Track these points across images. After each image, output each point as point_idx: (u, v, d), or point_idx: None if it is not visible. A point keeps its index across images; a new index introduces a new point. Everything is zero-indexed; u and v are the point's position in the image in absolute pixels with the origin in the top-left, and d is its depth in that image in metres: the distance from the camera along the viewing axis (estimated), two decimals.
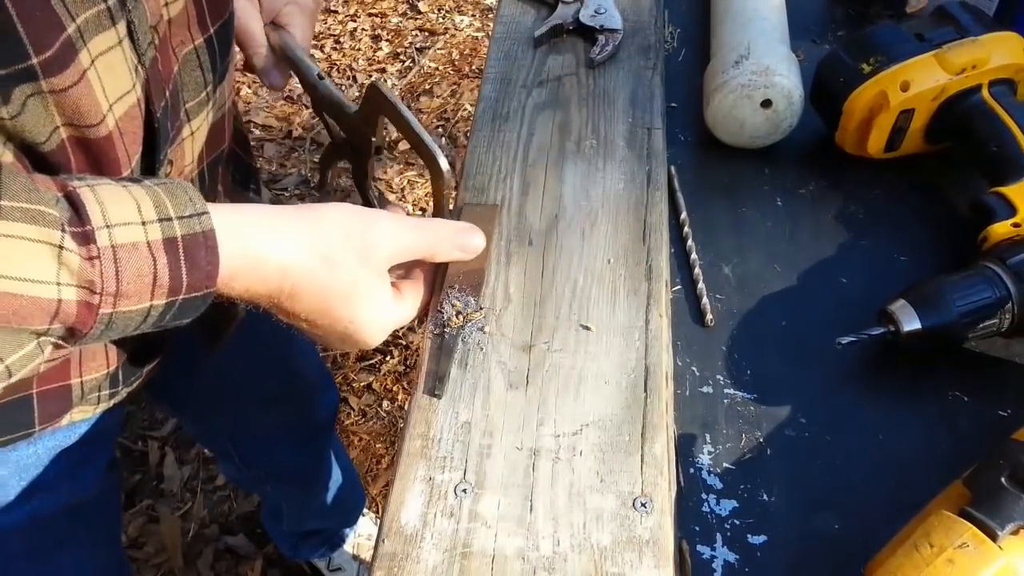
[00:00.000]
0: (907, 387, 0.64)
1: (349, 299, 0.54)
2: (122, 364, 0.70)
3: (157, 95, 0.56)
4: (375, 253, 0.55)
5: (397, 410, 1.80)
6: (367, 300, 0.55)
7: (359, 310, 0.55)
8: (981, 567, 0.47)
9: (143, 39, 0.53)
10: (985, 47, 0.73)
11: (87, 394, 0.68)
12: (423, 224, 0.59)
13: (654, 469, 0.53)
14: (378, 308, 0.56)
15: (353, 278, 0.54)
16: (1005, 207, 0.67)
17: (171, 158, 0.62)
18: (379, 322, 0.56)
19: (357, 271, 0.54)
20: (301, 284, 0.52)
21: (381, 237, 0.55)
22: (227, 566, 1.58)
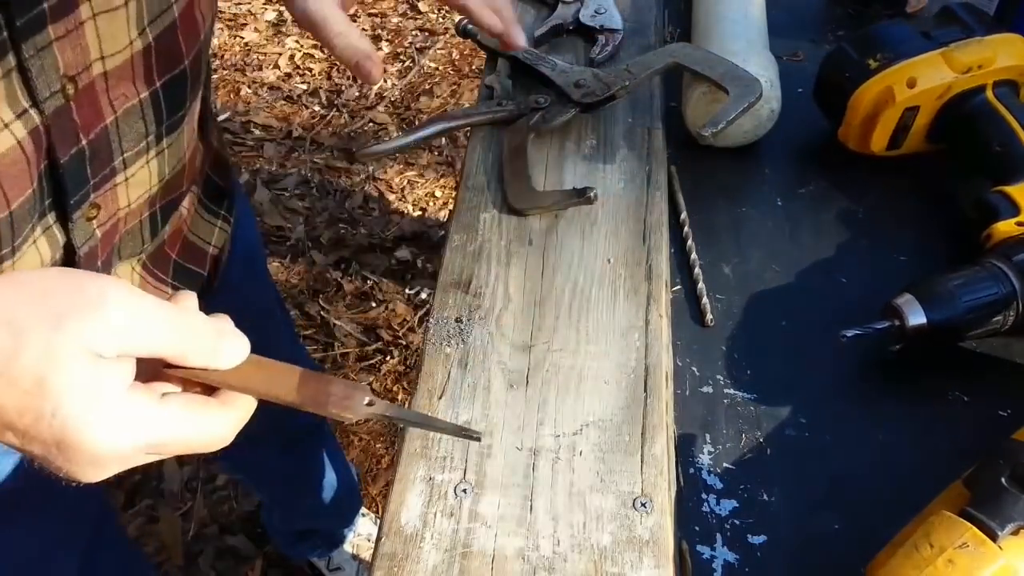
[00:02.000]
0: (907, 387, 0.64)
1: (45, 380, 0.38)
2: None
3: (63, 142, 0.54)
4: (90, 324, 0.39)
5: None
6: (73, 381, 0.39)
7: (62, 395, 0.38)
8: (981, 567, 0.47)
9: (43, 87, 0.51)
10: (991, 47, 0.73)
11: None
12: (175, 309, 0.43)
13: (654, 469, 0.53)
14: (95, 395, 0.39)
15: (49, 349, 0.38)
16: (1009, 206, 0.67)
17: (96, 203, 0.60)
18: (102, 418, 0.39)
19: (55, 340, 0.38)
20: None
21: (103, 305, 0.40)
22: (227, 566, 1.58)
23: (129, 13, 0.55)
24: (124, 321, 0.40)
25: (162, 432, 0.41)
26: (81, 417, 0.39)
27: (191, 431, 0.42)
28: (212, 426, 0.43)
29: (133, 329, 0.40)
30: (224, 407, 0.44)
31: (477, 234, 0.67)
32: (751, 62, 0.75)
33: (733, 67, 0.73)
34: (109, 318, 0.40)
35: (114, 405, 0.40)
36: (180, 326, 0.42)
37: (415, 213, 2.18)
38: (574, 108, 0.75)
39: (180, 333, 0.42)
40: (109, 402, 0.40)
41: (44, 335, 0.39)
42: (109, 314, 0.40)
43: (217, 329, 0.44)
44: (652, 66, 0.76)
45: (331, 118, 2.43)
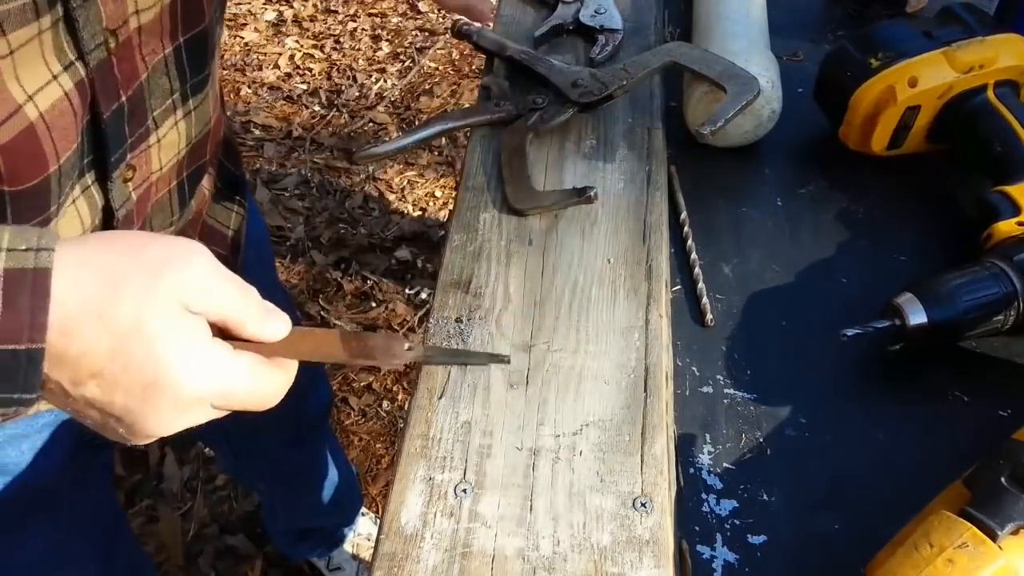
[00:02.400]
0: (907, 387, 0.64)
1: (143, 324, 0.41)
2: None
3: (107, 97, 0.56)
4: (183, 277, 0.43)
5: (397, 410, 1.80)
6: (169, 326, 0.42)
7: (159, 338, 0.41)
8: (981, 567, 0.47)
9: (89, 39, 0.52)
10: (993, 47, 0.73)
11: None
12: (240, 280, 0.47)
13: (654, 469, 0.53)
14: (187, 341, 0.43)
15: (147, 297, 0.41)
16: (1009, 206, 0.67)
17: (132, 163, 0.61)
18: (193, 362, 0.43)
19: (153, 288, 0.42)
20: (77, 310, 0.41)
21: (192, 263, 0.44)
22: (227, 566, 1.58)
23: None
24: (208, 280, 0.44)
25: (236, 382, 0.45)
26: (175, 360, 0.42)
27: (257, 385, 0.46)
28: (272, 383, 0.47)
29: (214, 289, 0.44)
30: (280, 368, 0.48)
31: (477, 234, 0.67)
32: (752, 62, 0.75)
33: (731, 65, 0.73)
34: (196, 275, 0.43)
35: (203, 353, 0.43)
36: (244, 295, 0.46)
37: (415, 213, 2.18)
38: (572, 108, 0.75)
39: (243, 302, 0.46)
40: (199, 349, 0.43)
41: (143, 282, 0.41)
42: (197, 272, 0.43)
43: (266, 305, 0.48)
44: (650, 65, 0.76)
45: (331, 118, 2.43)
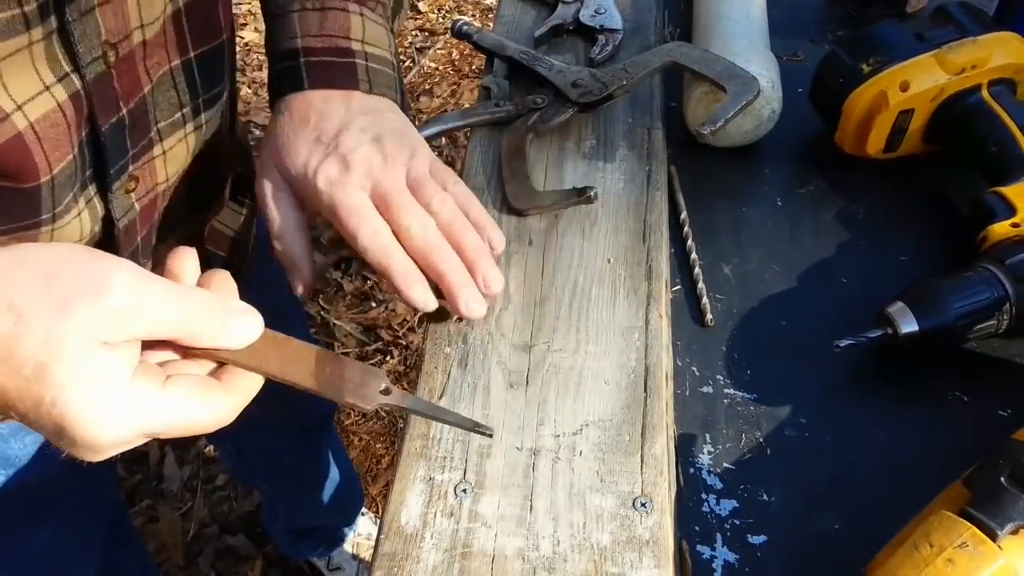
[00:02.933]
0: (907, 387, 0.64)
1: (47, 368, 0.38)
2: None
3: (105, 110, 0.55)
4: (94, 310, 0.38)
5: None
6: (77, 371, 0.38)
7: (64, 386, 0.38)
8: (981, 567, 0.47)
9: (85, 52, 0.52)
10: (985, 47, 0.73)
11: None
12: (183, 289, 0.42)
13: (654, 469, 0.53)
14: (97, 386, 0.38)
15: (52, 336, 0.37)
16: (1005, 207, 0.67)
17: (135, 175, 0.61)
18: (104, 409, 0.39)
19: (59, 326, 0.38)
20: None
21: (108, 290, 0.39)
22: (227, 566, 1.58)
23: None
24: (129, 305, 0.39)
25: (164, 420, 0.41)
26: (81, 410, 0.38)
27: (192, 416, 0.42)
28: (213, 410, 0.43)
29: (138, 313, 0.40)
30: (227, 392, 0.44)
31: None
32: (752, 62, 0.75)
33: (730, 65, 0.73)
34: (114, 303, 0.39)
35: (115, 396, 0.39)
36: (187, 307, 0.42)
37: None
38: (572, 108, 0.75)
39: (187, 315, 0.42)
40: (110, 393, 0.39)
41: (47, 321, 0.38)
42: (114, 299, 0.39)
43: (227, 308, 0.43)
44: (649, 65, 0.76)
45: None
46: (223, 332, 0.43)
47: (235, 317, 0.44)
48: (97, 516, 0.91)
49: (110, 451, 0.41)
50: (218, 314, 0.43)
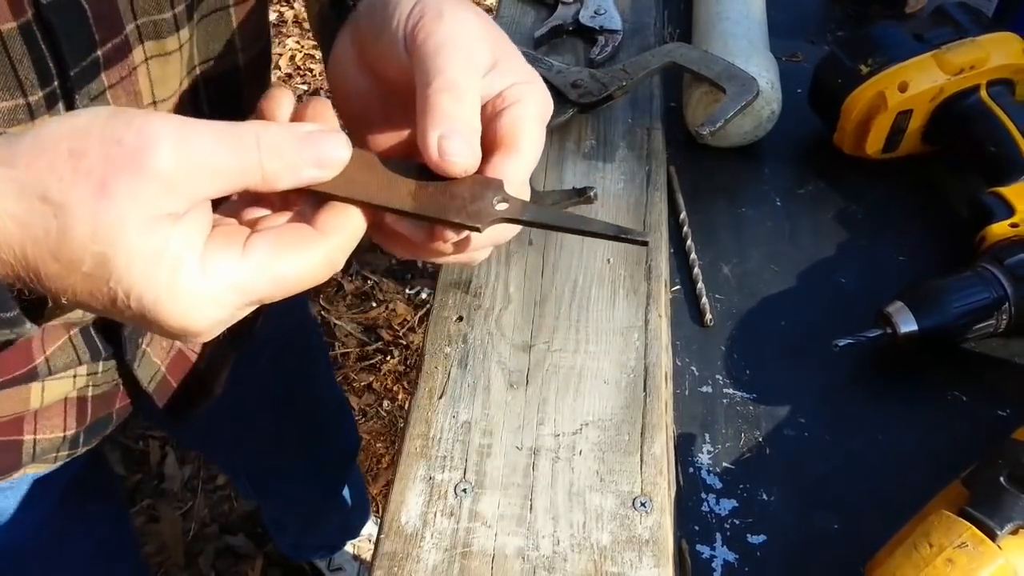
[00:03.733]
0: (906, 387, 0.64)
1: (107, 262, 0.33)
2: (83, 429, 0.67)
3: None
4: (136, 180, 0.33)
5: (397, 410, 1.80)
6: (139, 258, 0.33)
7: (132, 278, 0.33)
8: (980, 567, 0.47)
9: None
10: (984, 47, 0.73)
11: (39, 454, 0.65)
12: (239, 129, 0.36)
13: (653, 469, 0.53)
14: (168, 270, 0.33)
15: (100, 224, 0.32)
16: (1003, 207, 0.67)
17: (108, 84, 0.48)
18: (183, 294, 0.34)
19: (104, 211, 0.32)
20: (28, 250, 0.33)
21: (149, 154, 0.33)
22: (227, 565, 1.58)
23: (183, 56, 0.53)
24: (176, 166, 0.33)
25: (255, 286, 0.36)
26: (160, 300, 0.33)
27: (286, 273, 0.36)
28: (309, 260, 0.37)
29: (191, 172, 0.34)
30: (322, 235, 0.37)
31: None
32: (752, 63, 0.76)
33: (730, 66, 0.73)
34: (158, 168, 0.33)
35: (191, 277, 0.34)
36: (248, 149, 0.35)
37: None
38: (572, 108, 0.75)
39: (250, 158, 0.35)
40: (185, 275, 0.34)
41: (89, 208, 0.32)
42: (157, 163, 0.33)
43: (299, 137, 0.37)
44: (649, 66, 0.76)
45: None
46: (300, 166, 0.36)
47: (311, 145, 0.37)
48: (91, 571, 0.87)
49: (212, 332, 0.36)
50: (290, 147, 0.36)
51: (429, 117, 0.38)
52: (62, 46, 0.44)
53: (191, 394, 0.73)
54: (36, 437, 0.64)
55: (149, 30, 0.49)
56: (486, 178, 0.39)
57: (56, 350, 0.60)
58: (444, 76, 0.38)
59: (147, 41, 0.50)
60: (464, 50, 0.39)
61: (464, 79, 0.39)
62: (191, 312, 0.34)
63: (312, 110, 0.40)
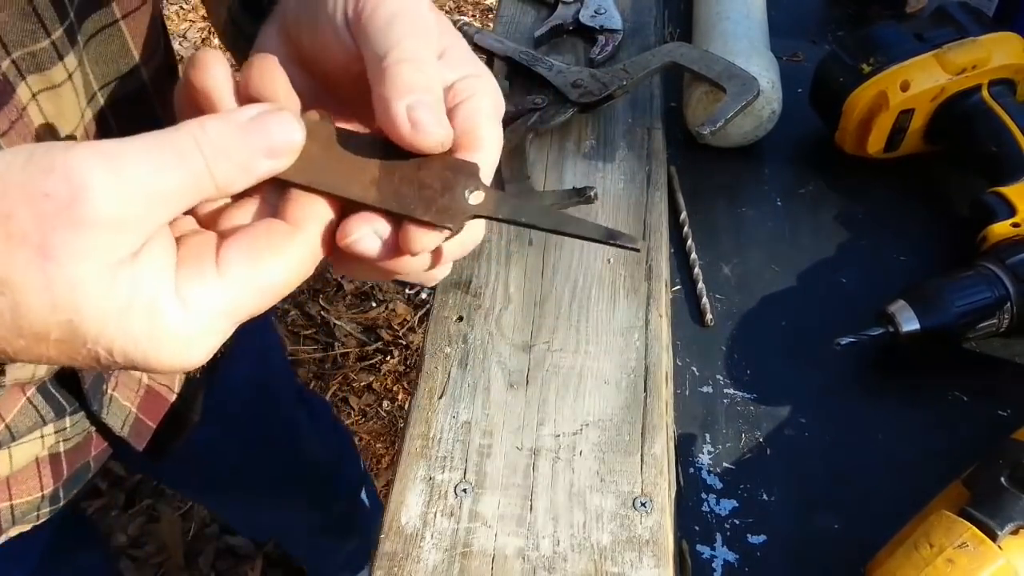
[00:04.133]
0: (907, 387, 0.64)
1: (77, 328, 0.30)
2: (61, 484, 0.64)
3: None
4: (78, 234, 0.29)
5: (397, 410, 1.80)
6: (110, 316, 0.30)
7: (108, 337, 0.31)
8: (981, 567, 0.47)
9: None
10: (985, 47, 0.73)
11: (19, 518, 0.61)
12: (169, 139, 0.31)
13: (654, 469, 0.53)
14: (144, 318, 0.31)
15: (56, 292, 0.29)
16: (1005, 207, 0.67)
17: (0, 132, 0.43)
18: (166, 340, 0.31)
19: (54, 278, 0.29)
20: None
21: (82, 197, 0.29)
22: (227, 565, 1.58)
23: (75, 85, 0.47)
24: (121, 206, 0.30)
25: (242, 305, 0.33)
26: (145, 350, 0.31)
27: (273, 281, 0.33)
28: (294, 262, 0.34)
29: (138, 207, 0.30)
30: (298, 230, 0.34)
31: None
32: (752, 62, 0.76)
33: (730, 65, 0.73)
34: (101, 216, 0.29)
35: (173, 318, 0.31)
36: (191, 159, 0.31)
37: None
38: (572, 108, 0.75)
39: (196, 167, 0.31)
40: (166, 318, 0.31)
41: (36, 276, 0.29)
42: (98, 211, 0.29)
43: (243, 128, 0.33)
44: (649, 66, 0.76)
45: None
46: (253, 162, 0.33)
47: (258, 134, 0.33)
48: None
49: (201, 360, 0.33)
50: (236, 143, 0.32)
51: (392, 88, 0.34)
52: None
53: (168, 429, 0.69)
54: (12, 503, 0.60)
55: (28, 63, 0.43)
56: (458, 160, 0.35)
57: (16, 414, 0.56)
58: (402, 47, 0.35)
59: (29, 76, 0.43)
60: (418, 22, 0.36)
61: (423, 51, 0.35)
62: (183, 352, 0.32)
63: (258, 75, 0.36)
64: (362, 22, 0.36)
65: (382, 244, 0.35)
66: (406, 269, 0.36)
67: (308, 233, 0.34)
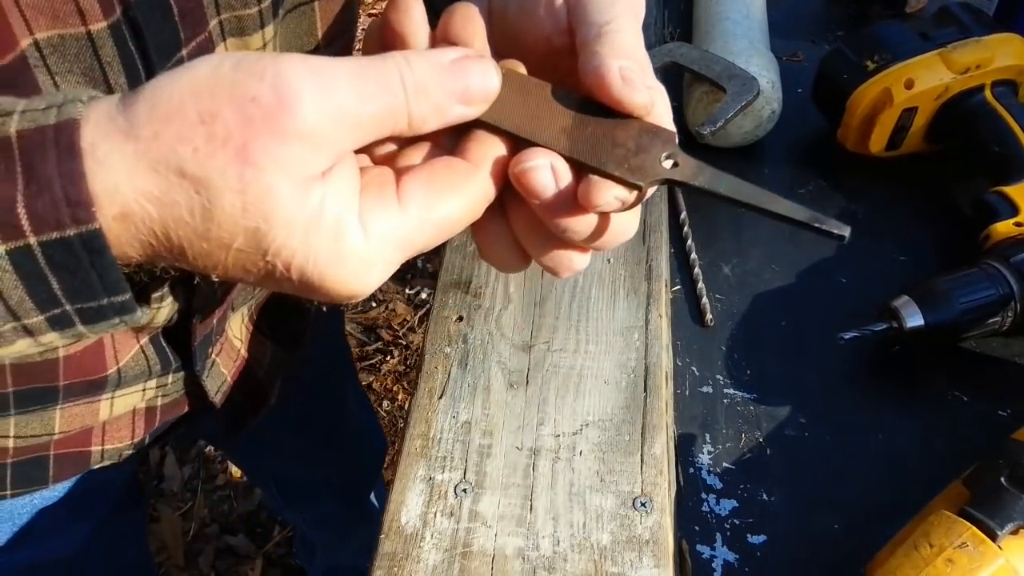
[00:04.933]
0: (907, 387, 0.64)
1: (261, 236, 0.30)
2: (150, 434, 0.68)
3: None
4: (279, 143, 0.29)
5: (397, 410, 1.80)
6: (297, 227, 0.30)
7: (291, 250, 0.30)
8: (980, 567, 0.47)
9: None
10: (989, 47, 0.73)
11: (106, 458, 0.66)
12: (376, 69, 0.32)
13: (654, 469, 0.53)
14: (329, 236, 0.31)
15: (247, 196, 0.29)
16: (1007, 206, 0.67)
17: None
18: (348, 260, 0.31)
19: (249, 182, 0.29)
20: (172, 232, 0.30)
21: (290, 108, 0.29)
22: (227, 565, 1.58)
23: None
24: (323, 122, 0.30)
25: (418, 237, 0.33)
26: (324, 267, 0.31)
27: (450, 216, 0.34)
28: (470, 200, 0.34)
29: (337, 126, 0.31)
30: (476, 168, 0.34)
31: None
32: (752, 62, 0.76)
33: (730, 65, 0.73)
34: (304, 128, 0.30)
35: (356, 239, 0.31)
36: (393, 92, 0.32)
37: None
38: None
39: (396, 101, 0.32)
40: (349, 238, 0.31)
41: (233, 178, 0.29)
42: (302, 122, 0.29)
43: (444, 69, 0.33)
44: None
45: None
46: (447, 105, 0.33)
47: (457, 77, 0.33)
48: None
49: (371, 289, 0.34)
50: (436, 83, 0.33)
51: (610, 48, 0.35)
52: (149, 46, 0.40)
53: (251, 403, 0.73)
54: (104, 447, 0.64)
55: (233, 26, 0.45)
56: (655, 127, 0.34)
57: (128, 360, 0.59)
58: (619, 21, 0.36)
59: (230, 38, 0.45)
60: (633, 5, 0.37)
61: (635, 29, 0.36)
62: (358, 275, 0.32)
63: (460, 21, 0.36)
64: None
65: (556, 187, 0.34)
66: (571, 228, 0.36)
67: (485, 171, 0.34)
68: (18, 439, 0.59)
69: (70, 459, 0.64)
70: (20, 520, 0.68)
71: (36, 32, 0.37)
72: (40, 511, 0.68)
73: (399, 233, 0.32)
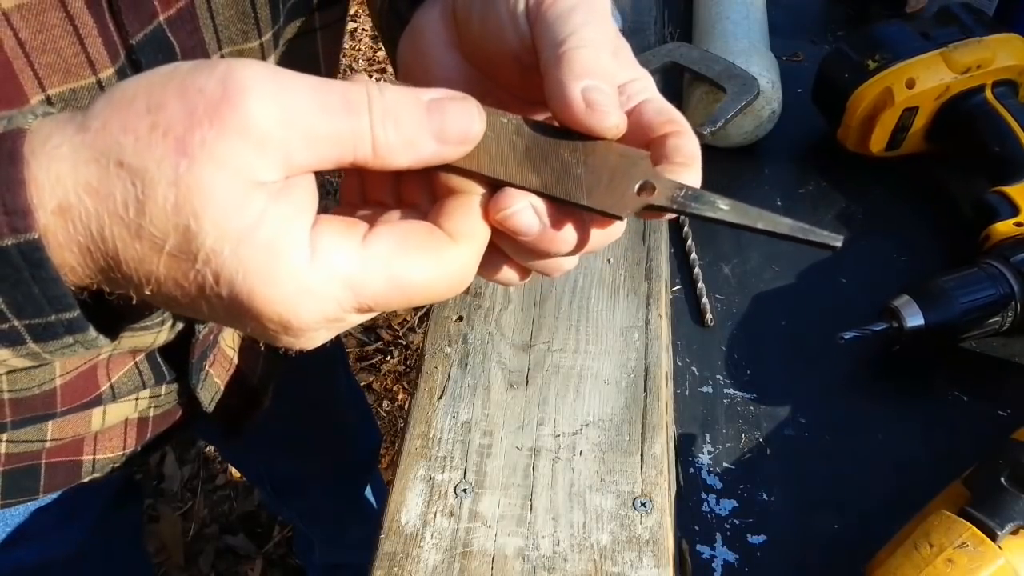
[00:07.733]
0: (907, 387, 0.64)
1: (192, 236, 0.27)
2: (141, 444, 0.68)
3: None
4: (222, 137, 0.27)
5: (397, 410, 1.80)
6: (231, 228, 0.27)
7: (221, 253, 0.28)
8: (980, 567, 0.47)
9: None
10: (990, 48, 0.73)
11: (98, 469, 0.66)
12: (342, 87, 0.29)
13: (654, 469, 0.53)
14: (266, 243, 0.28)
15: (180, 189, 0.27)
16: (1008, 206, 0.67)
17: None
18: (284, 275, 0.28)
19: (184, 174, 0.27)
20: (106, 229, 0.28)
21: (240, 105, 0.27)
22: (227, 565, 1.58)
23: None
24: (272, 123, 0.27)
25: (371, 285, 0.30)
26: (253, 284, 0.28)
27: (414, 277, 0.30)
28: (443, 269, 0.31)
29: (288, 132, 0.28)
30: (455, 241, 0.32)
31: None
32: (752, 62, 0.76)
33: (730, 65, 0.73)
34: (249, 123, 0.27)
35: (296, 259, 0.28)
36: (358, 113, 0.29)
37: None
38: None
39: (360, 123, 0.29)
40: (289, 256, 0.28)
41: (168, 170, 0.27)
42: (248, 117, 0.27)
43: (421, 104, 0.30)
44: (649, 66, 0.76)
45: None
46: (421, 141, 0.30)
47: (435, 115, 0.30)
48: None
49: (315, 335, 0.30)
50: (410, 116, 0.30)
51: (568, 71, 0.33)
52: None
53: (244, 409, 0.73)
54: (96, 457, 0.65)
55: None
56: (630, 149, 0.32)
57: (121, 376, 0.59)
58: (580, 35, 0.34)
59: None
60: (597, 15, 0.35)
61: (600, 40, 0.34)
62: (293, 301, 0.28)
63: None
64: (542, 10, 0.35)
65: (541, 223, 0.33)
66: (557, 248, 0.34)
67: (467, 247, 0.32)
68: (10, 443, 0.59)
69: (62, 468, 0.63)
70: (11, 523, 0.68)
71: (48, 88, 0.36)
72: (31, 514, 0.68)
73: (351, 270, 0.29)
